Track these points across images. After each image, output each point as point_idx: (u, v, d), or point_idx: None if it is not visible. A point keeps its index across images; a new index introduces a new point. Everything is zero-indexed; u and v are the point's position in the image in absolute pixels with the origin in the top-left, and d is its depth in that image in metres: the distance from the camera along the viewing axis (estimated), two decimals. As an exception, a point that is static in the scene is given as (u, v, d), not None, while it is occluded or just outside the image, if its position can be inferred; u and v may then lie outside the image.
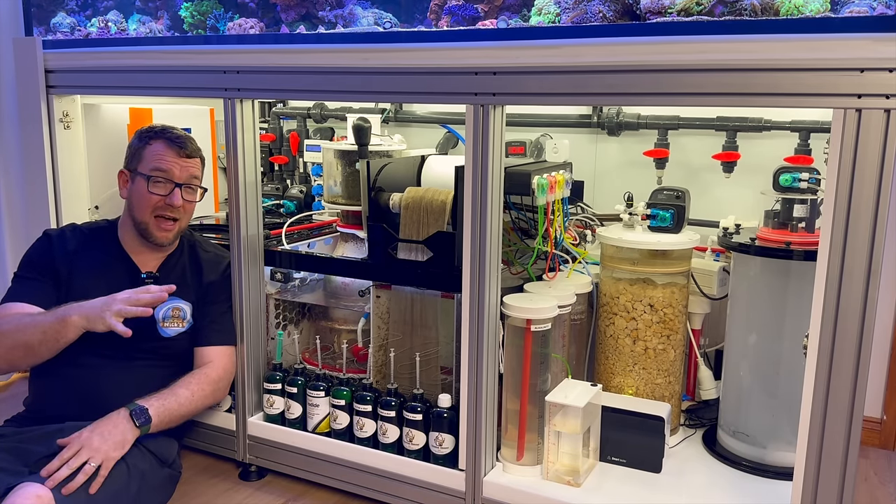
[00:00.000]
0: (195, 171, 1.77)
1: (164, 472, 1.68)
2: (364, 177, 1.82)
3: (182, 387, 1.70)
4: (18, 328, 1.61)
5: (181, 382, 1.71)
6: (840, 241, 1.26)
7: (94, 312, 1.58)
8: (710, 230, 1.93)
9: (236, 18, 1.89)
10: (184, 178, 1.73)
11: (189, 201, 1.76)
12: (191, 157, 1.76)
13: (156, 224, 1.73)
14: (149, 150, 1.74)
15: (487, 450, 1.63)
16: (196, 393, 1.71)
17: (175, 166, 1.72)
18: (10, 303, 1.69)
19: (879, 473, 1.99)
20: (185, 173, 1.74)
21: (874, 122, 1.20)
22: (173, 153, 1.73)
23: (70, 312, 1.59)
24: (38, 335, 1.59)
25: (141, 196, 1.73)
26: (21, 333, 1.60)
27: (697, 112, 1.95)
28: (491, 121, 1.50)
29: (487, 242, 1.54)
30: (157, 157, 1.72)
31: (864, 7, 1.26)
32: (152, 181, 1.71)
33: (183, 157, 1.74)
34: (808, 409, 1.33)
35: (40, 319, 1.61)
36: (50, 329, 1.59)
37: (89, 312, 1.59)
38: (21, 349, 1.61)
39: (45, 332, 1.59)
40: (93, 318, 1.58)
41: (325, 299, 2.09)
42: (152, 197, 1.71)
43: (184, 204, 1.74)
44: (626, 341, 1.78)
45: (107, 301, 1.59)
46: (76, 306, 1.61)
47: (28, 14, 2.23)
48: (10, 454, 1.52)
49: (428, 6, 1.65)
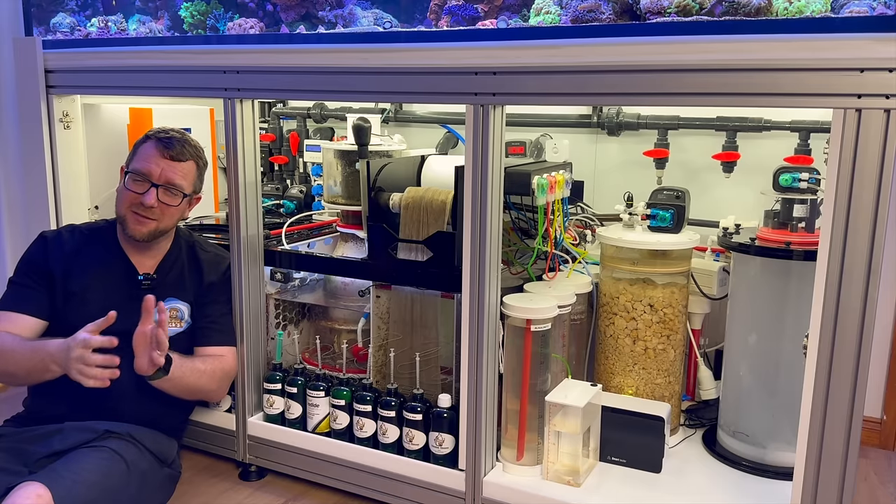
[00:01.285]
0: (179, 175, 1.72)
1: (163, 471, 1.68)
2: (364, 177, 1.82)
3: (199, 361, 1.73)
4: (4, 353, 1.60)
5: (198, 359, 1.74)
6: (840, 241, 1.26)
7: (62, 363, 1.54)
8: (710, 230, 1.93)
9: (236, 18, 1.89)
10: (162, 179, 1.70)
11: (166, 204, 1.72)
12: (175, 159, 1.71)
13: (132, 217, 1.72)
14: (141, 149, 1.74)
15: (487, 450, 1.63)
16: (210, 372, 1.74)
17: (155, 167, 1.70)
18: (4, 312, 1.68)
19: (879, 473, 1.99)
20: (165, 175, 1.70)
21: (874, 122, 1.20)
22: (157, 153, 1.71)
23: (48, 361, 1.57)
24: (23, 371, 1.60)
25: (120, 190, 1.74)
26: (6, 362, 1.60)
27: (697, 112, 1.95)
28: (491, 121, 1.50)
29: (487, 242, 1.54)
30: (142, 155, 1.72)
31: (864, 7, 1.26)
32: (130, 177, 1.71)
33: (165, 157, 1.71)
34: (808, 409, 1.33)
35: (26, 356, 1.59)
36: (34, 370, 1.59)
37: (60, 362, 1.55)
38: (6, 376, 1.64)
39: (29, 372, 1.60)
40: (65, 369, 1.55)
41: (325, 299, 2.09)
42: (128, 193, 1.71)
43: (160, 206, 1.70)
44: (626, 341, 1.78)
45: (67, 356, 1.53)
46: (50, 353, 1.56)
47: (28, 14, 2.23)
48: (10, 454, 1.53)
49: (428, 6, 1.65)
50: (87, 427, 1.61)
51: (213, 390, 1.80)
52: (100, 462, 1.51)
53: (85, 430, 1.60)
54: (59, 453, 1.54)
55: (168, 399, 1.72)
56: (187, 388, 1.70)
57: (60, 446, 1.55)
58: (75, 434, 1.59)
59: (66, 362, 1.54)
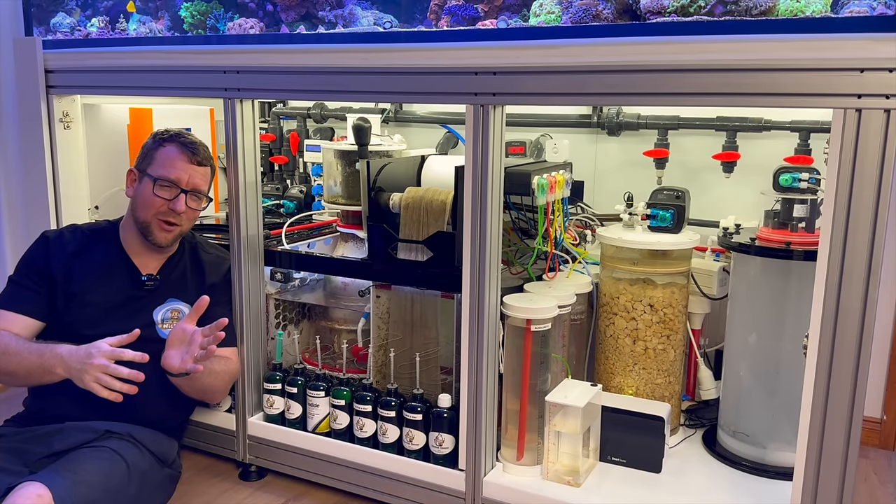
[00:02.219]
0: (203, 180, 1.74)
1: (164, 471, 1.68)
2: (364, 177, 1.82)
3: (214, 362, 1.73)
4: (5, 354, 1.59)
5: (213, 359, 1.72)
6: (840, 241, 1.26)
7: (73, 371, 1.54)
8: (710, 230, 1.93)
9: (236, 18, 1.89)
10: (190, 185, 1.71)
11: (193, 209, 1.74)
12: (201, 164, 1.73)
13: (157, 225, 1.72)
14: (161, 153, 1.72)
15: (487, 450, 1.63)
16: (221, 374, 1.75)
17: (183, 173, 1.70)
18: (1, 311, 1.68)
19: (879, 473, 1.99)
20: (193, 181, 1.71)
21: (874, 122, 1.20)
22: (184, 159, 1.70)
23: (55, 365, 1.56)
24: (24, 372, 1.59)
25: (145, 197, 1.71)
26: (7, 362, 1.59)
27: (697, 112, 1.95)
28: (491, 121, 1.50)
29: (487, 242, 1.54)
30: (167, 161, 1.70)
31: (864, 7, 1.26)
32: (158, 184, 1.69)
33: (194, 163, 1.71)
34: (808, 409, 1.33)
35: (29, 358, 1.58)
36: (35, 372, 1.58)
37: (70, 367, 1.54)
38: (6, 376, 1.62)
39: (30, 373, 1.59)
40: (74, 376, 1.55)
41: (325, 299, 2.09)
42: (156, 200, 1.70)
43: (186, 211, 1.72)
44: (626, 341, 1.78)
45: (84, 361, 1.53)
46: (59, 356, 1.56)
47: (28, 14, 2.23)
48: (10, 454, 1.53)
49: (428, 6, 1.65)
50: (87, 427, 1.61)
51: (220, 391, 1.80)
52: (100, 462, 1.51)
53: (85, 430, 1.60)
54: (59, 453, 1.54)
55: (169, 400, 1.72)
56: (200, 387, 1.71)
57: (61, 446, 1.55)
58: (75, 434, 1.59)
59: (80, 367, 1.52)
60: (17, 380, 1.64)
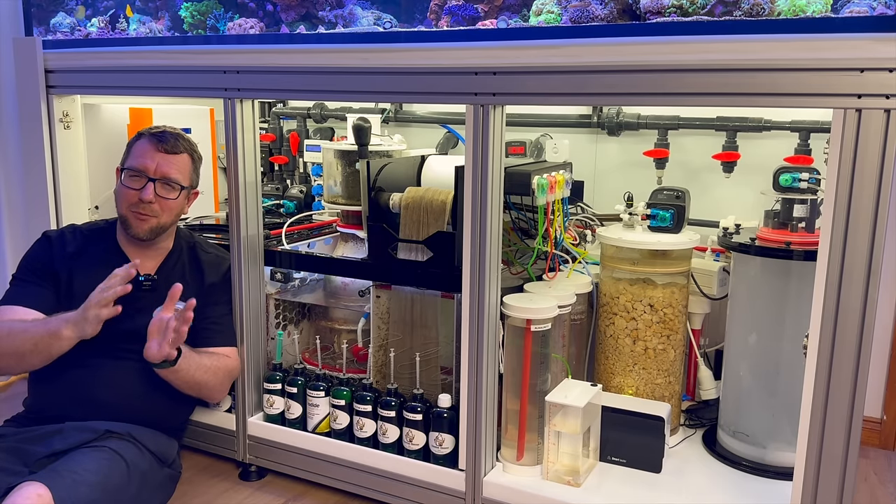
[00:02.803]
0: (174, 168, 1.73)
1: (164, 471, 1.68)
2: (364, 177, 1.82)
3: (206, 357, 1.73)
4: (11, 334, 1.60)
5: (205, 355, 1.74)
6: (840, 241, 1.26)
7: (78, 318, 1.58)
8: (710, 230, 1.93)
9: (236, 18, 1.89)
10: (159, 173, 1.71)
11: (164, 198, 1.73)
12: (170, 152, 1.73)
13: (132, 216, 1.73)
14: (135, 146, 1.75)
15: (487, 450, 1.63)
16: (214, 370, 1.74)
17: (150, 161, 1.71)
18: (7, 306, 1.68)
19: (879, 473, 1.99)
20: (161, 169, 1.71)
21: (874, 122, 1.20)
22: (151, 148, 1.72)
23: (61, 326, 1.58)
24: (30, 345, 1.59)
25: (119, 190, 1.74)
26: (13, 341, 1.60)
27: (697, 112, 1.95)
28: (491, 121, 1.50)
29: (487, 242, 1.54)
30: (137, 152, 1.73)
31: (864, 7, 1.26)
32: (126, 174, 1.72)
33: (160, 151, 1.72)
34: (808, 409, 1.33)
35: (32, 330, 1.60)
36: (41, 341, 1.59)
37: (75, 321, 1.58)
38: (12, 357, 1.61)
39: (36, 344, 1.59)
40: (80, 325, 1.58)
41: (325, 299, 2.09)
42: (128, 191, 1.71)
43: (158, 200, 1.71)
44: (626, 341, 1.78)
45: (84, 304, 1.59)
46: (64, 318, 1.60)
47: (28, 14, 2.23)
48: (10, 454, 1.53)
49: (428, 6, 1.65)
50: (87, 427, 1.61)
51: (216, 388, 1.79)
52: (100, 462, 1.51)
53: (85, 430, 1.60)
54: (59, 453, 1.53)
55: (169, 399, 1.72)
56: (192, 382, 1.70)
57: (61, 446, 1.55)
58: (75, 434, 1.58)
59: (82, 314, 1.57)
60: (21, 360, 1.62)
